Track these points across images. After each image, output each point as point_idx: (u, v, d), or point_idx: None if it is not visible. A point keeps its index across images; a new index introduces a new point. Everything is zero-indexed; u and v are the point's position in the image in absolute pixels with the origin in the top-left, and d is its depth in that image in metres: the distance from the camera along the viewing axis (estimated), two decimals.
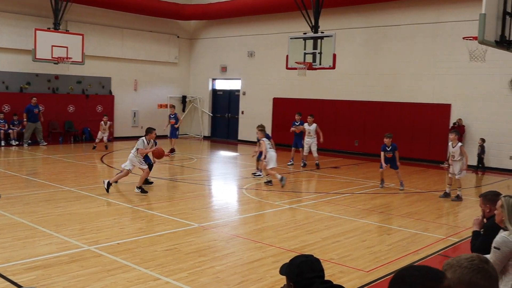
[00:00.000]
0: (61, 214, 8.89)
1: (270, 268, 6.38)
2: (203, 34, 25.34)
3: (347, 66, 18.96)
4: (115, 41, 22.50)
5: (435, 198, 11.64)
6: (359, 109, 19.36)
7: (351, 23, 19.48)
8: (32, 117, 18.94)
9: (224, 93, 24.94)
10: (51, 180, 12.25)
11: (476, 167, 15.95)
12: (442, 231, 8.68)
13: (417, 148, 17.95)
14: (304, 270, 2.78)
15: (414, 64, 18.06)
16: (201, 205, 10.40)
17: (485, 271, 2.36)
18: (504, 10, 8.53)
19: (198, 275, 6.07)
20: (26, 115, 18.88)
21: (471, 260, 2.39)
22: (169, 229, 8.14)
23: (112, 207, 9.65)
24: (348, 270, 6.42)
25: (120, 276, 5.91)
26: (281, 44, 19.99)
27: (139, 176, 11.26)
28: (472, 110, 16.82)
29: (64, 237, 7.47)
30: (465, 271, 2.36)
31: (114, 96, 22.58)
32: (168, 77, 24.88)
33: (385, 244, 7.71)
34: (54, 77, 20.72)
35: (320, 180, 14.00)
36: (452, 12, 17.10)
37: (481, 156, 16.05)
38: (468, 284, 2.35)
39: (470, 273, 2.34)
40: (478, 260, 2.40)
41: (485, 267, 2.38)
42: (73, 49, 19.34)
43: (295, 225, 8.76)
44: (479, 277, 2.33)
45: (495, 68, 15.87)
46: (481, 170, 15.95)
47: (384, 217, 9.61)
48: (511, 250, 4.08)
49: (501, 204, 4.33)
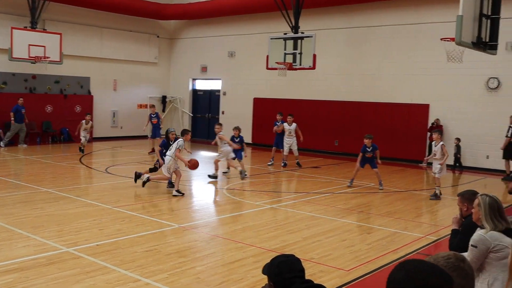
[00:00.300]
0: (38, 216, 8.76)
1: (251, 268, 6.38)
2: (183, 34, 25.24)
3: (327, 66, 19.07)
4: (94, 41, 22.26)
5: (414, 197, 11.77)
6: (339, 109, 19.48)
7: (331, 23, 19.60)
8: (19, 117, 18.72)
9: (205, 93, 24.86)
10: (28, 181, 12.07)
11: (453, 166, 16.19)
12: (421, 229, 8.78)
13: (396, 148, 18.13)
14: (283, 270, 2.79)
15: (393, 64, 18.25)
16: (181, 205, 10.35)
17: (461, 269, 2.39)
18: (481, 12, 8.68)
19: (178, 276, 6.04)
20: (13, 114, 18.64)
21: (447, 258, 2.42)
22: (149, 230, 8.09)
23: (91, 208, 9.53)
24: (328, 270, 6.45)
25: (100, 278, 5.85)
26: (261, 44, 20.02)
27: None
28: (449, 110, 17.05)
29: (42, 239, 7.36)
30: None
31: (93, 96, 22.34)
32: (148, 77, 24.71)
33: (365, 243, 7.77)
34: (31, 76, 20.42)
35: (301, 180, 14.05)
36: (431, 14, 17.32)
37: (457, 156, 16.30)
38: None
39: (447, 271, 2.38)
40: (455, 259, 2.43)
41: (461, 265, 2.41)
42: (51, 49, 19.09)
43: (275, 225, 8.78)
44: (455, 275, 2.36)
45: (472, 69, 16.12)
46: (458, 170, 16.19)
47: (364, 216, 9.69)
48: (487, 248, 4.14)
49: (478, 203, 4.39)
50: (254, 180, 13.60)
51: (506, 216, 4.37)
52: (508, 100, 15.88)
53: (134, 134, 24.05)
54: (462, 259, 2.45)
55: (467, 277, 2.39)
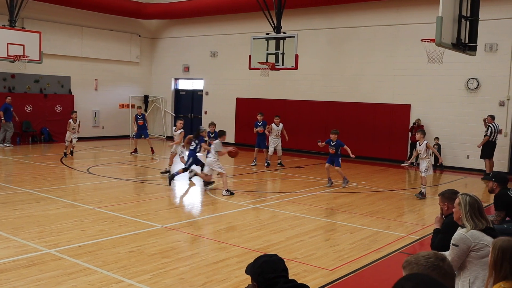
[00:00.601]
0: (19, 217, 8.64)
1: (235, 268, 6.38)
2: (165, 33, 25.10)
3: (309, 66, 19.16)
4: (75, 40, 22.02)
5: (396, 197, 11.89)
6: (322, 109, 19.57)
7: (314, 24, 19.68)
8: (8, 116, 18.62)
9: (187, 93, 24.77)
10: (7, 182, 11.89)
11: (434, 166, 16.33)
12: (403, 229, 8.87)
13: (377, 148, 18.29)
14: (265, 270, 2.80)
15: (374, 65, 18.41)
16: (164, 206, 10.31)
17: (440, 268, 2.43)
18: (460, 13, 8.80)
19: (161, 276, 6.01)
20: (2, 113, 18.41)
21: (427, 258, 2.46)
22: (132, 231, 8.03)
23: (73, 209, 9.43)
24: (312, 269, 6.48)
25: (82, 279, 5.79)
26: (243, 44, 20.01)
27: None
28: (430, 110, 17.26)
29: (22, 240, 7.26)
30: (421, 268, 2.43)
31: (74, 95, 22.10)
32: (129, 77, 24.53)
33: (348, 242, 7.82)
34: (10, 75, 20.12)
35: (284, 180, 14.08)
36: (411, 15, 17.51)
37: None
38: None
39: (425, 270, 2.42)
40: (434, 258, 2.47)
41: (440, 264, 2.45)
42: (30, 47, 18.78)
43: (259, 225, 8.79)
44: (434, 274, 2.40)
45: (452, 70, 16.35)
46: (439, 169, 16.38)
47: (346, 216, 9.75)
48: (468, 247, 4.20)
49: (459, 202, 4.46)
50: (237, 180, 13.60)
51: (486, 215, 4.45)
52: (487, 100, 16.14)
53: (116, 134, 23.88)
54: (442, 258, 2.49)
55: (446, 276, 2.42)
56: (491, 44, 15.88)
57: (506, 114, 15.88)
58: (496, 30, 15.68)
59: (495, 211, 7.17)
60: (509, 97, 15.84)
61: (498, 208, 7.07)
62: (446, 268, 2.45)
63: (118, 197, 10.76)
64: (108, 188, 11.65)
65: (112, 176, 12.58)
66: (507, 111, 15.88)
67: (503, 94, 15.93)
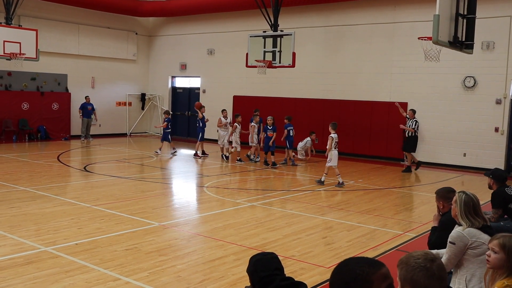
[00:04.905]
0: (15, 215, 8.62)
1: (232, 266, 6.38)
2: (162, 31, 25.05)
3: (306, 64, 19.15)
4: (71, 37, 21.96)
5: (393, 195, 11.91)
6: (319, 107, 19.58)
7: (311, 22, 19.67)
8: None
9: (184, 90, 24.74)
10: (4, 180, 11.86)
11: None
12: (399, 227, 8.89)
13: (374, 146, 18.31)
14: (258, 268, 2.80)
15: (371, 63, 18.41)
16: (161, 203, 10.30)
17: (427, 269, 2.40)
18: (457, 11, 8.79)
19: (159, 274, 6.01)
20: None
21: (416, 259, 2.45)
22: (129, 229, 8.02)
23: (69, 207, 9.41)
24: (309, 267, 6.49)
25: (79, 277, 5.79)
26: (241, 42, 19.99)
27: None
28: (427, 108, 17.26)
29: (19, 238, 7.25)
30: (409, 269, 2.42)
31: (71, 93, 22.05)
32: (126, 75, 24.48)
33: (345, 240, 7.83)
34: (7, 73, 20.07)
35: (281, 178, 14.09)
36: (408, 13, 17.51)
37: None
38: (410, 282, 2.42)
39: (412, 271, 2.41)
40: (423, 259, 2.44)
41: (428, 266, 2.42)
42: (27, 45, 18.70)
43: (256, 222, 8.79)
44: (421, 275, 2.39)
45: (449, 68, 16.37)
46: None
47: (343, 213, 9.76)
48: (465, 245, 4.21)
49: (455, 200, 4.47)
50: (234, 178, 13.60)
51: (483, 213, 4.46)
52: (484, 99, 16.17)
53: (113, 132, 23.84)
54: (432, 259, 2.46)
55: (433, 278, 2.39)
56: (488, 42, 15.90)
57: (502, 112, 15.91)
58: (493, 28, 15.70)
59: (492, 208, 7.18)
60: (505, 95, 15.87)
61: (495, 205, 7.08)
62: (435, 269, 2.42)
63: (115, 195, 10.74)
64: (105, 186, 11.64)
65: (109, 174, 12.55)
66: (503, 109, 15.90)
67: (500, 92, 15.95)
